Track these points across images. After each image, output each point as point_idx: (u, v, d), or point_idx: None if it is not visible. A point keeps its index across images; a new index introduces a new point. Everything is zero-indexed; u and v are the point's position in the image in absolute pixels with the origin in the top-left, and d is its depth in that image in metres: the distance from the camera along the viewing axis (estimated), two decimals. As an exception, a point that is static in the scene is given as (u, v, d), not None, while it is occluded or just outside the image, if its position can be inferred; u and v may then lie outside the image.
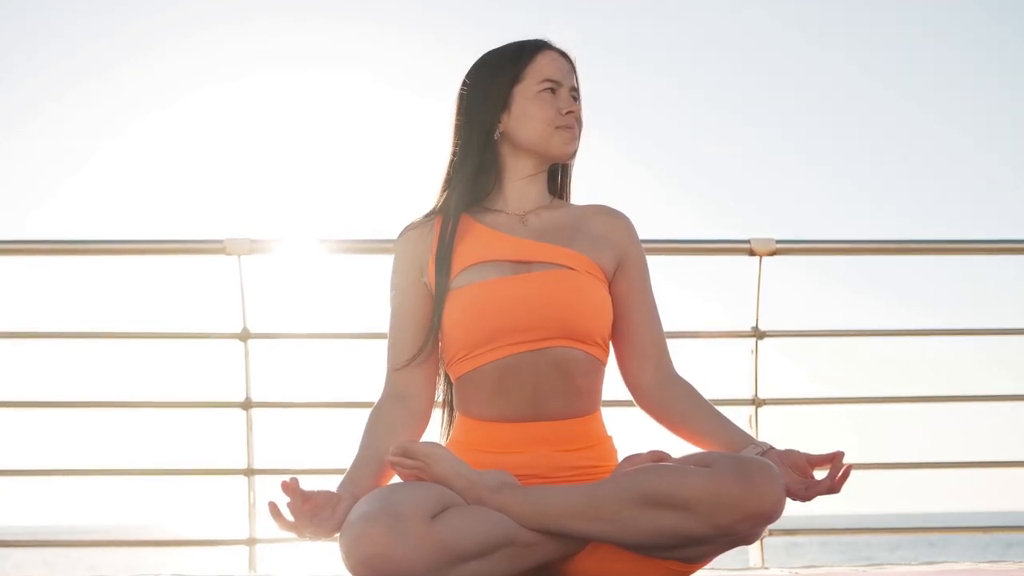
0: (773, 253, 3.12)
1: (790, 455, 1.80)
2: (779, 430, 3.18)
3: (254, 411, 3.05)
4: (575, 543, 1.71)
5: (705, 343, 3.20)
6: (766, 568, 2.91)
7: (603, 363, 1.90)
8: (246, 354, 3.06)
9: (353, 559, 1.59)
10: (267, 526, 1.75)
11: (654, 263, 2.01)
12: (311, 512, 1.68)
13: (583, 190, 2.05)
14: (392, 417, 1.87)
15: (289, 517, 1.67)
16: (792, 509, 1.92)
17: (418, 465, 1.71)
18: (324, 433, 3.12)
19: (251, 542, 3.00)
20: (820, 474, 1.80)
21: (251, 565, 3.01)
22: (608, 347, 1.92)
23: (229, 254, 3.05)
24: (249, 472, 3.03)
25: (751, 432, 3.11)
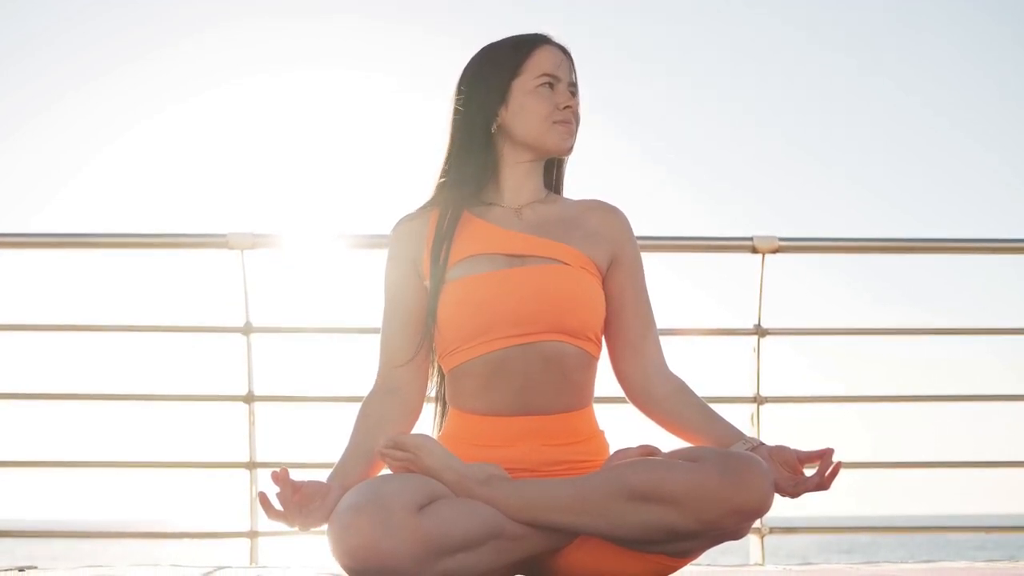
0: (776, 251, 3.12)
1: (780, 451, 1.80)
2: (781, 428, 3.18)
3: (256, 405, 3.05)
4: (563, 536, 1.72)
5: (707, 340, 3.20)
6: (761, 565, 2.92)
7: (595, 358, 1.90)
8: (248, 348, 3.06)
9: (340, 550, 1.60)
10: (269, 519, 1.77)
11: (657, 260, 2.01)
12: (301, 502, 1.69)
13: (588, 184, 2.05)
14: (383, 409, 1.88)
15: (279, 507, 1.69)
16: (798, 508, 1.92)
17: (408, 457, 1.72)
18: (326, 427, 3.12)
19: (252, 535, 3.01)
20: (812, 471, 1.80)
21: (252, 558, 3.02)
22: (600, 342, 1.92)
23: (232, 248, 3.05)
24: (251, 465, 3.04)
25: (753, 430, 3.11)
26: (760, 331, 3.14)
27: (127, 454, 3.14)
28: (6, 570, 2.31)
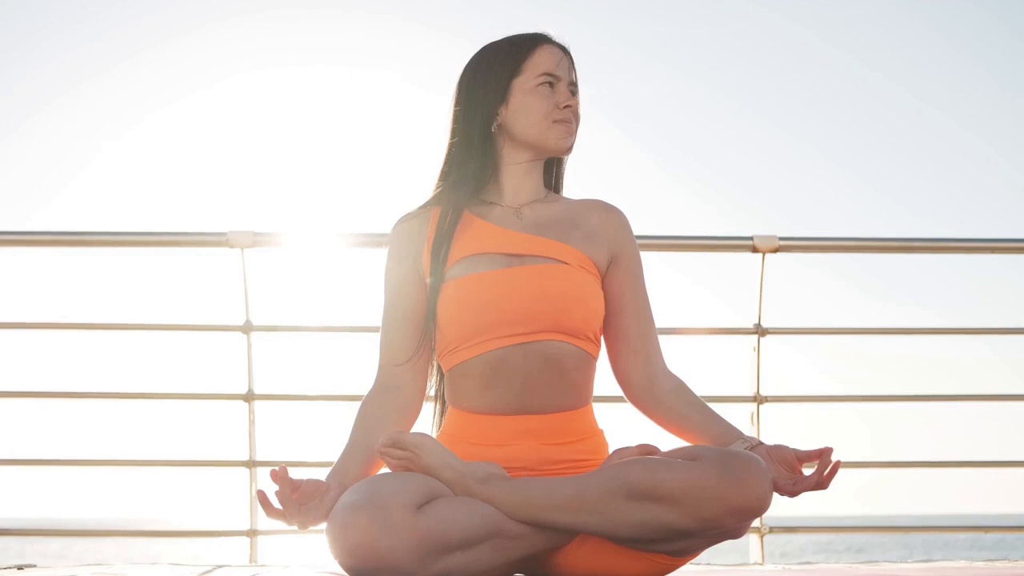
0: (776, 250, 3.12)
1: (779, 450, 1.80)
2: (781, 427, 3.18)
3: (256, 403, 3.05)
4: (563, 535, 1.72)
5: (707, 340, 3.20)
6: (760, 564, 2.92)
7: (594, 358, 1.90)
8: (248, 346, 3.06)
9: (339, 548, 1.60)
10: (268, 518, 1.78)
11: (657, 259, 2.01)
12: (299, 501, 1.70)
13: (588, 184, 2.05)
14: (382, 408, 1.88)
15: (278, 505, 1.69)
16: (798, 507, 1.93)
17: (407, 455, 1.72)
18: (326, 426, 3.12)
19: (252, 534, 3.01)
20: (810, 470, 1.80)
21: (251, 556, 3.02)
22: (599, 342, 1.92)
23: (232, 247, 3.05)
24: (251, 464, 3.04)
25: (753, 429, 3.12)
26: (760, 330, 3.14)
27: (127, 452, 3.14)
28: (5, 568, 2.31)
